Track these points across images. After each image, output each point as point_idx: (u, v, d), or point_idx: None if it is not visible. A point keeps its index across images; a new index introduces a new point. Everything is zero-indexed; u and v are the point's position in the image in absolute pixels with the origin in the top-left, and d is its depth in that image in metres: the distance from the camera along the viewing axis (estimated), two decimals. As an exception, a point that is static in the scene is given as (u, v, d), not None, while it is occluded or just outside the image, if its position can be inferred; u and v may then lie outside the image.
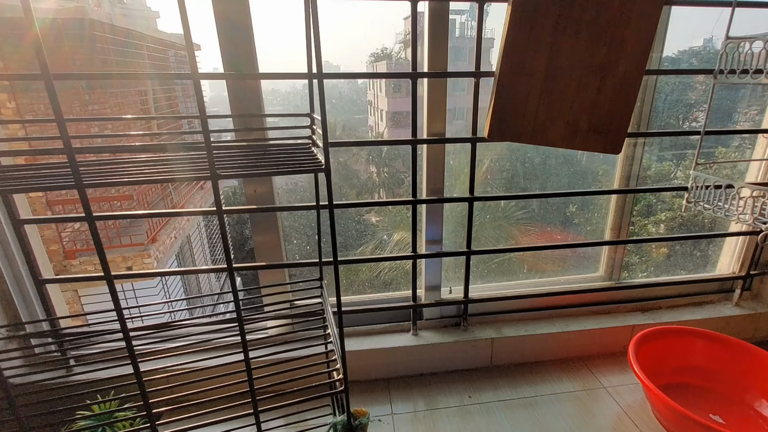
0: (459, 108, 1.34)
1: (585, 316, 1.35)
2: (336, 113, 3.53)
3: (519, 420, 1.08)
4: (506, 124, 0.98)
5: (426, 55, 1.04)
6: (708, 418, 1.06)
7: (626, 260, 1.37)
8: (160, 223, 5.00)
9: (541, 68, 0.93)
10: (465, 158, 1.12)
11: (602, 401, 1.14)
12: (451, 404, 1.14)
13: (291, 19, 0.76)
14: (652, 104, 1.17)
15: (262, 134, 1.01)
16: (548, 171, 1.53)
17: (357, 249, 2.14)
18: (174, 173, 0.64)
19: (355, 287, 2.03)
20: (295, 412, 0.85)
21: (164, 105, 6.27)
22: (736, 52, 1.00)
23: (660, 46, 1.12)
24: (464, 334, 1.25)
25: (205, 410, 0.73)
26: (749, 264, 1.37)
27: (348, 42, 4.34)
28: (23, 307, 1.05)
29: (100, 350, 1.14)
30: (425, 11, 1.01)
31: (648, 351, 1.13)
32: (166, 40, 5.99)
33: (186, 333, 1.21)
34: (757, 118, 1.39)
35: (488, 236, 1.83)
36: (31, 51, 0.45)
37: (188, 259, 6.48)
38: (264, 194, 1.07)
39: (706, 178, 1.10)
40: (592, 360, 1.30)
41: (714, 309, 1.38)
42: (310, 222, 1.70)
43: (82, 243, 4.66)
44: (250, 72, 0.96)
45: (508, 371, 1.26)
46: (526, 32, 0.90)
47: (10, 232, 0.99)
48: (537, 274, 1.54)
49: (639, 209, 1.90)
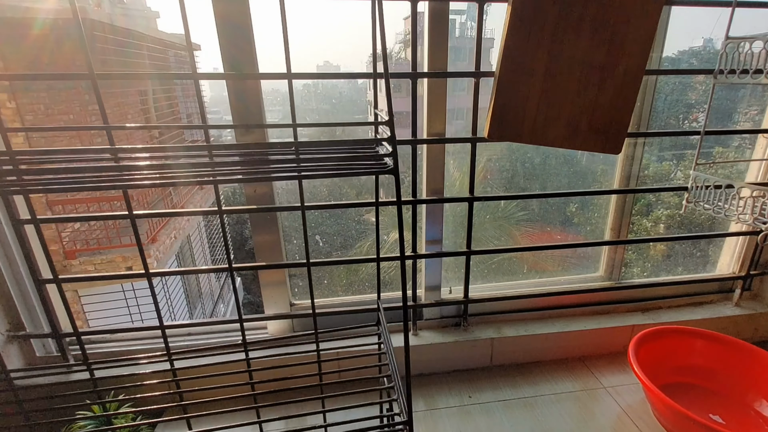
0: (459, 108, 1.34)
1: (585, 316, 1.35)
2: (336, 113, 3.53)
3: (519, 420, 1.08)
4: (506, 124, 0.98)
5: (426, 55, 1.04)
6: (708, 418, 1.06)
7: (626, 257, 1.37)
8: (160, 223, 5.00)
9: (541, 68, 0.93)
10: (465, 159, 1.12)
11: (602, 401, 1.15)
12: (451, 404, 1.14)
13: (291, 20, 0.76)
14: (652, 104, 1.17)
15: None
16: (548, 171, 1.52)
17: (354, 248, 2.15)
18: (259, 173, 0.62)
19: (355, 287, 2.03)
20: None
21: (164, 105, 6.27)
22: (736, 52, 1.00)
23: (660, 46, 1.12)
24: (464, 334, 1.25)
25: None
26: (749, 264, 1.37)
27: (348, 42, 4.34)
28: (23, 307, 1.05)
29: (101, 350, 1.14)
30: (425, 11, 1.01)
31: (648, 351, 1.13)
32: (166, 40, 5.99)
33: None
34: (757, 118, 1.39)
35: (488, 236, 1.83)
36: (31, 51, 0.45)
37: (188, 259, 6.48)
38: (264, 194, 1.07)
39: (706, 178, 1.10)
40: (592, 360, 1.30)
41: (714, 309, 1.38)
42: (310, 222, 1.69)
43: (82, 243, 4.66)
44: (250, 72, 0.96)
45: (508, 371, 1.26)
46: (526, 32, 0.91)
47: (10, 232, 0.99)
48: (537, 274, 1.54)
49: (638, 209, 1.90)
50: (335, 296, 1.30)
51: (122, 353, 1.14)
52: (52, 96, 4.32)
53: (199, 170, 0.61)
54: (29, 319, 1.06)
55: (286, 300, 1.19)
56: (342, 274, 1.91)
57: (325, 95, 3.87)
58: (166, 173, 0.59)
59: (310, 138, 1.42)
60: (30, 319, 1.07)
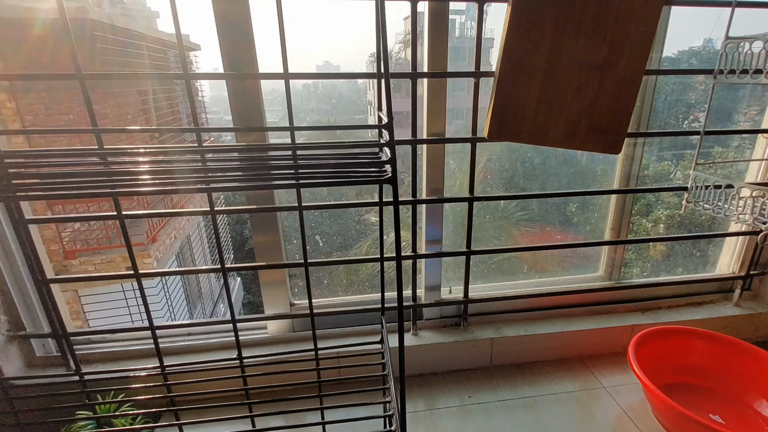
0: (459, 108, 1.34)
1: (585, 316, 1.35)
2: (336, 113, 3.53)
3: (519, 420, 1.08)
4: (506, 124, 0.98)
5: (426, 55, 1.04)
6: (708, 418, 1.06)
7: (625, 257, 1.37)
8: (159, 223, 5.00)
9: (541, 68, 0.93)
10: (465, 158, 1.12)
11: (602, 401, 1.15)
12: (451, 404, 1.14)
13: (291, 19, 0.76)
14: (652, 104, 1.17)
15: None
16: (548, 171, 1.52)
17: (353, 248, 2.14)
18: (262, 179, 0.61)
19: (355, 287, 2.03)
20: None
21: (164, 105, 6.27)
22: (736, 52, 1.00)
23: (660, 46, 1.12)
24: (464, 334, 1.25)
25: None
26: (749, 264, 1.37)
27: (348, 42, 4.34)
28: (23, 307, 1.05)
29: (101, 350, 1.14)
30: (425, 11, 1.01)
31: (648, 351, 1.13)
32: (166, 40, 5.99)
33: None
34: (757, 118, 1.39)
35: (488, 236, 1.83)
36: (31, 51, 0.45)
37: (188, 259, 6.48)
38: (264, 194, 1.07)
39: (706, 178, 1.10)
40: (592, 360, 1.30)
41: (714, 309, 1.38)
42: (310, 222, 1.69)
43: (82, 243, 4.66)
44: (250, 72, 0.96)
45: (508, 371, 1.26)
46: (526, 32, 0.91)
47: (10, 232, 0.99)
48: (537, 274, 1.54)
49: (638, 209, 1.90)
50: (334, 296, 1.30)
51: (122, 353, 1.15)
52: (53, 96, 4.32)
53: (195, 176, 0.60)
54: (29, 319, 1.07)
55: (286, 300, 1.19)
56: (342, 275, 1.91)
57: (324, 95, 3.87)
58: (160, 179, 0.58)
59: (310, 137, 1.42)
60: (30, 319, 1.07)
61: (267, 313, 1.19)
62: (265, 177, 0.62)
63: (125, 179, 0.57)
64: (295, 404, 1.00)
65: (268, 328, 1.21)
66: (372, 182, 0.61)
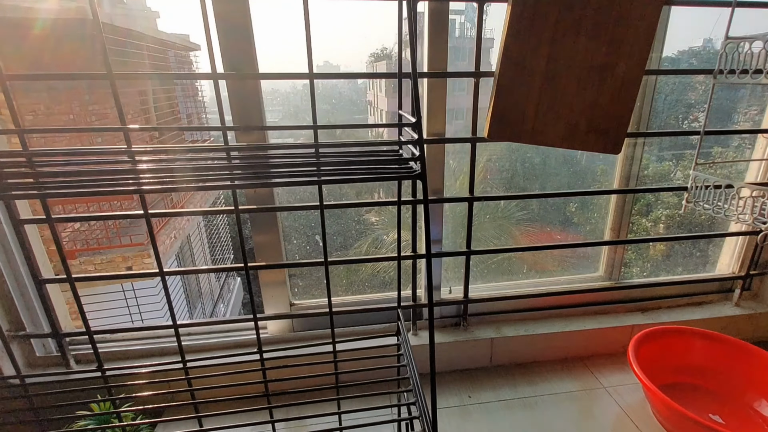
0: (459, 108, 1.34)
1: (585, 316, 1.35)
2: (336, 113, 3.53)
3: (519, 420, 1.08)
4: (506, 124, 0.98)
5: (426, 55, 1.04)
6: (708, 418, 1.06)
7: (625, 257, 1.37)
8: (160, 223, 4.99)
9: (541, 68, 0.93)
10: (465, 158, 1.12)
11: (602, 401, 1.15)
12: (451, 404, 1.14)
13: (291, 20, 0.76)
14: (652, 104, 1.17)
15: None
16: (548, 171, 1.52)
17: (353, 248, 2.14)
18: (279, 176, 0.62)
19: (355, 287, 2.03)
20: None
21: (164, 105, 6.27)
22: (736, 52, 1.00)
23: (660, 46, 1.12)
24: (464, 333, 1.25)
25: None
26: (749, 264, 1.37)
27: (348, 42, 4.34)
28: (23, 307, 1.05)
29: (101, 350, 1.14)
30: (425, 11, 1.01)
31: (648, 351, 1.13)
32: (166, 40, 5.99)
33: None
34: (757, 118, 1.39)
35: (488, 236, 1.83)
36: (31, 51, 0.45)
37: (188, 259, 6.48)
38: (264, 194, 1.07)
39: (706, 178, 1.10)
40: (592, 360, 1.30)
41: (714, 309, 1.38)
42: (309, 222, 1.70)
43: (82, 243, 4.66)
44: (250, 72, 0.96)
45: (508, 371, 1.26)
46: (526, 32, 0.91)
47: (11, 232, 0.99)
48: (537, 274, 1.54)
49: (638, 209, 1.90)
50: (334, 296, 1.30)
51: (122, 353, 1.15)
52: (53, 96, 4.32)
53: (216, 173, 0.60)
54: (29, 319, 1.07)
55: (286, 300, 1.19)
56: (342, 275, 1.91)
57: (325, 95, 3.87)
58: (190, 176, 0.58)
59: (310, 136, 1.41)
60: (30, 319, 1.07)
61: (267, 313, 1.19)
62: (286, 174, 0.62)
63: (151, 178, 0.58)
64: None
65: (268, 328, 1.21)
66: (402, 178, 0.61)
